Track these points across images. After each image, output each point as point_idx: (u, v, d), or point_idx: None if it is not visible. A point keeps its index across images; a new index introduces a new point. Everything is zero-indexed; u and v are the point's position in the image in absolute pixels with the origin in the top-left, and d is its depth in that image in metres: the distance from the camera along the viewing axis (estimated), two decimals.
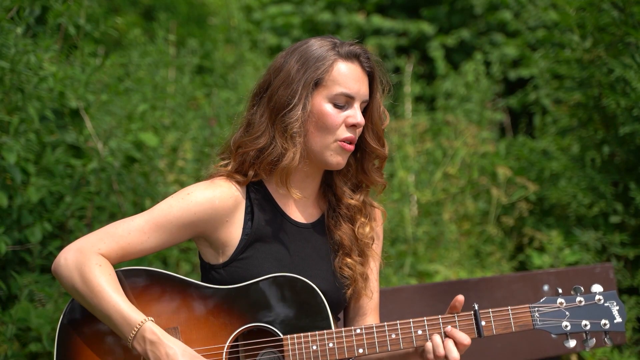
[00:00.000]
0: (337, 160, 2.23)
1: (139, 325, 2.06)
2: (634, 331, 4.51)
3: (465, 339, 2.13)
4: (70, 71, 3.68)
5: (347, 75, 2.22)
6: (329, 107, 2.21)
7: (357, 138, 2.25)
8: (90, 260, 2.12)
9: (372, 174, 2.33)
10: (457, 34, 8.61)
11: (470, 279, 3.37)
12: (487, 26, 8.69)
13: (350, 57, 2.24)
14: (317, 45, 2.25)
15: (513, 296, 3.27)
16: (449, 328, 2.15)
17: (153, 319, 2.09)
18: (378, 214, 2.43)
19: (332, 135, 2.21)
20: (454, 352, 2.12)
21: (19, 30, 3.39)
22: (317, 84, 2.22)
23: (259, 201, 2.27)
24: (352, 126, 2.22)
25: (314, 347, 2.12)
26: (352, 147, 2.24)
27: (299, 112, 2.19)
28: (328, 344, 2.12)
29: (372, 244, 2.37)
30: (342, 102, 2.22)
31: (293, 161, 2.19)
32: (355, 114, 2.22)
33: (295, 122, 2.19)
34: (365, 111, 2.29)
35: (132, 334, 2.06)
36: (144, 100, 4.55)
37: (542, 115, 6.78)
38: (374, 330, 2.14)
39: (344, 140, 2.22)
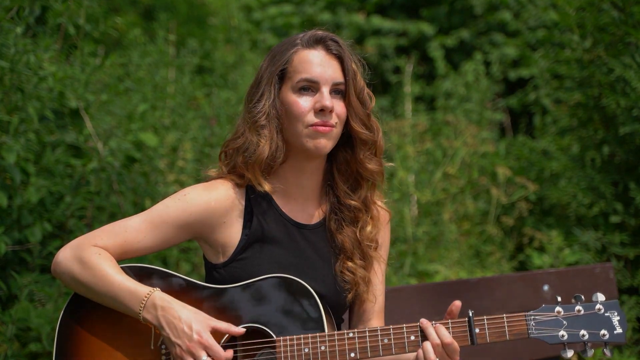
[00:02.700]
0: (314, 144, 2.20)
1: (148, 294, 2.08)
2: (634, 331, 4.50)
3: (446, 337, 2.09)
4: (70, 71, 3.68)
5: (308, 62, 2.21)
6: (294, 96, 2.21)
7: (333, 122, 2.20)
8: (89, 250, 2.14)
9: (365, 163, 2.27)
10: (457, 34, 8.61)
11: (470, 279, 3.37)
12: (487, 26, 8.69)
13: (312, 43, 2.23)
14: (285, 41, 2.29)
15: (513, 296, 3.27)
16: (424, 322, 2.12)
17: (159, 289, 2.11)
18: (383, 214, 2.39)
19: (302, 122, 2.19)
20: (431, 354, 2.09)
21: (19, 30, 3.39)
22: (282, 77, 2.23)
23: (258, 202, 2.26)
24: (322, 111, 2.19)
25: (306, 350, 2.11)
26: (326, 129, 2.19)
27: (263, 104, 2.21)
28: (320, 347, 2.11)
29: (375, 246, 2.34)
30: (307, 89, 2.21)
31: (262, 154, 2.19)
32: (321, 98, 2.19)
33: (260, 114, 2.21)
34: (344, 97, 2.25)
35: (142, 304, 2.07)
36: (144, 100, 4.55)
37: (542, 115, 6.78)
38: (367, 334, 2.12)
39: (314, 125, 2.19)
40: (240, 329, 2.09)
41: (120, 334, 2.16)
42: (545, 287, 3.33)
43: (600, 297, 2.13)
